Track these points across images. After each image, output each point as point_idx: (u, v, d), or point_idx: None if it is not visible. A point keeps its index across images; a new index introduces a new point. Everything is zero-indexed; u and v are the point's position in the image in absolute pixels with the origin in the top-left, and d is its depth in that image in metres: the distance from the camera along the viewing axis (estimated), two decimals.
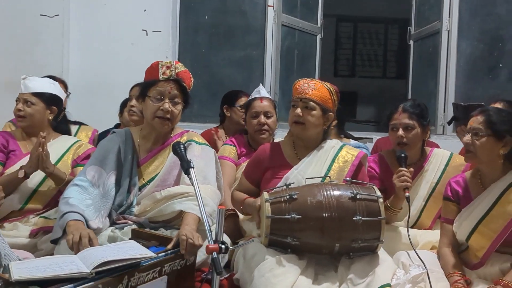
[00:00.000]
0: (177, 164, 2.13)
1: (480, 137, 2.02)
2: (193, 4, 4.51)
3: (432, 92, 4.64)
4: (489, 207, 2.03)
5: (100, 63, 4.27)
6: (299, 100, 2.24)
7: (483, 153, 2.03)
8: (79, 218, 1.94)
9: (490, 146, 2.02)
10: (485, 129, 2.02)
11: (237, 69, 4.58)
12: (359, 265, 1.90)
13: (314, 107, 2.23)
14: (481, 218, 2.03)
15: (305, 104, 2.23)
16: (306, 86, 2.24)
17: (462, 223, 2.07)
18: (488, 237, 2.00)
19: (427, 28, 4.77)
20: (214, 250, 1.58)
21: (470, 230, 2.04)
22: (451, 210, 2.15)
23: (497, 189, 2.04)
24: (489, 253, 2.00)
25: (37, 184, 2.41)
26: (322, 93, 2.24)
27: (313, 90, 2.23)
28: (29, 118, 2.47)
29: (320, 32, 4.93)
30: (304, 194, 1.94)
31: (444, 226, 2.16)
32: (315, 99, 2.22)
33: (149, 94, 2.19)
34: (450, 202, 2.16)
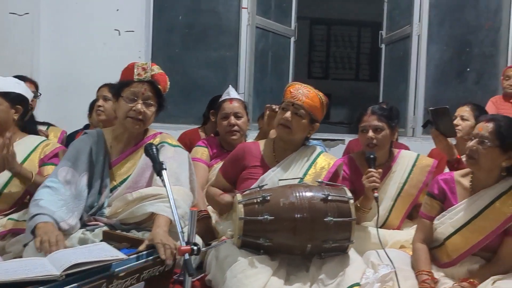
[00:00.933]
0: (149, 166, 2.11)
1: (487, 146, 1.99)
2: (167, 5, 4.49)
3: (403, 95, 4.74)
4: (477, 212, 2.04)
5: (71, 63, 4.21)
6: (290, 104, 2.26)
7: (486, 162, 2.01)
8: (49, 220, 1.91)
9: (494, 157, 2.00)
10: (493, 139, 1.99)
11: (211, 70, 4.58)
12: (330, 265, 1.93)
13: (304, 115, 2.25)
14: (466, 222, 2.04)
15: (296, 110, 2.25)
16: (300, 92, 2.25)
17: (445, 223, 2.09)
18: (469, 241, 2.03)
19: (398, 32, 4.87)
20: (186, 251, 1.58)
21: (452, 231, 2.06)
22: (433, 207, 2.15)
23: (488, 197, 2.05)
24: (464, 256, 2.04)
25: (2, 185, 2.35)
26: (314, 103, 2.26)
27: (306, 98, 2.24)
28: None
29: (294, 34, 4.97)
30: (277, 195, 1.96)
31: (422, 221, 2.17)
32: (306, 107, 2.24)
33: (123, 94, 2.18)
34: (434, 200, 2.16)
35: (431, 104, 4.49)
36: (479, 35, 4.68)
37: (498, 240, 2.02)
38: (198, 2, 4.54)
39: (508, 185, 2.05)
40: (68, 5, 4.18)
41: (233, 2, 4.53)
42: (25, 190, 2.38)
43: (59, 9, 4.16)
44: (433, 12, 4.61)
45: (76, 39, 4.19)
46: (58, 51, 4.17)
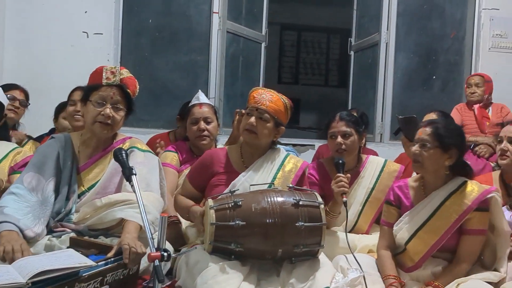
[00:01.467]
0: (118, 171, 2.08)
1: (428, 149, 2.10)
2: (137, 7, 4.44)
3: (371, 101, 4.83)
4: (430, 214, 2.11)
5: (36, 65, 4.10)
6: (254, 109, 2.27)
7: (430, 163, 2.11)
8: (13, 229, 1.85)
9: (436, 157, 2.10)
10: (432, 141, 2.10)
11: (181, 74, 4.55)
12: (301, 270, 1.94)
13: (268, 119, 2.26)
14: (421, 225, 2.11)
15: (260, 114, 2.26)
16: (264, 97, 2.27)
17: (402, 228, 2.15)
18: (427, 243, 2.09)
19: (367, 40, 4.96)
20: (156, 258, 1.56)
21: (410, 235, 2.12)
22: (391, 214, 2.23)
23: (439, 197, 2.13)
24: (425, 258, 2.09)
25: None
26: (278, 107, 2.28)
27: (269, 102, 2.26)
28: None
29: (264, 40, 5.00)
30: (248, 201, 1.96)
31: (383, 229, 2.24)
32: (270, 112, 2.26)
33: (91, 99, 2.14)
34: (391, 206, 2.24)
35: (398, 111, 4.61)
36: (444, 44, 4.82)
37: (456, 240, 2.09)
38: (169, 6, 4.51)
39: (457, 184, 2.14)
40: (34, 5, 4.08)
41: (204, 7, 4.51)
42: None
43: (25, 10, 4.05)
44: (401, 21, 4.72)
45: (42, 40, 4.09)
46: (23, 53, 4.07)
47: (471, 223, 2.07)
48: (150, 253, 1.57)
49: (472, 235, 2.07)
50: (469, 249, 2.07)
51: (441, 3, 4.79)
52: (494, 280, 2.03)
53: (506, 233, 2.10)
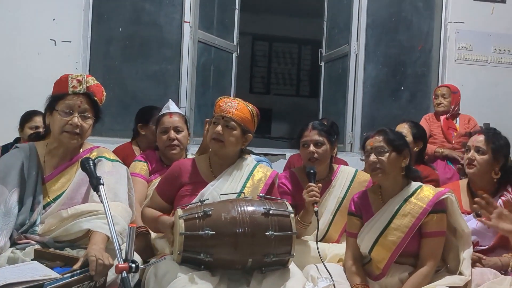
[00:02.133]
0: (85, 181, 2.04)
1: (385, 153, 2.17)
2: (106, 15, 4.39)
3: (341, 111, 4.89)
4: (388, 220, 2.16)
5: (2, 72, 4.00)
6: (220, 118, 2.26)
7: (390, 167, 2.17)
8: None
9: (394, 160, 2.18)
10: (387, 145, 2.18)
11: (151, 83, 4.51)
12: (271, 279, 1.93)
13: (235, 127, 2.25)
14: (381, 231, 2.15)
15: (226, 122, 2.25)
16: (229, 105, 2.26)
17: (364, 237, 2.19)
18: (388, 249, 2.13)
19: (337, 51, 5.04)
20: (124, 269, 1.53)
21: (372, 243, 2.16)
22: (354, 224, 2.27)
23: (395, 204, 2.18)
24: (389, 264, 2.13)
25: None
26: (244, 114, 2.28)
27: (235, 110, 2.25)
28: None
29: (236, 50, 5.01)
30: (218, 210, 1.95)
31: (348, 240, 2.28)
32: (236, 119, 2.25)
33: (57, 108, 2.09)
34: (354, 217, 2.28)
35: (367, 121, 4.69)
36: (412, 56, 4.94)
37: (417, 244, 2.14)
38: (139, 14, 4.47)
39: (412, 189, 2.21)
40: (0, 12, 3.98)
41: (175, 16, 4.50)
42: None
43: None
44: (370, 32, 4.81)
45: (7, 47, 3.99)
46: None
47: (429, 226, 2.13)
48: (118, 264, 1.54)
49: (432, 237, 2.13)
50: (431, 251, 2.12)
51: (408, 16, 4.91)
52: (459, 285, 2.07)
53: (466, 234, 2.17)
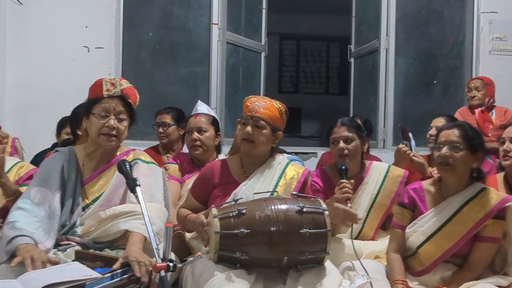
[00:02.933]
0: (122, 183, 2.08)
1: (459, 150, 2.07)
2: (137, 21, 4.48)
3: (372, 107, 4.83)
4: (447, 219, 2.08)
5: (38, 80, 4.14)
6: (249, 118, 2.26)
7: (461, 165, 2.08)
8: (30, 241, 1.86)
9: (466, 159, 2.08)
10: (463, 142, 2.07)
11: (182, 86, 4.58)
12: (307, 277, 1.92)
13: (264, 126, 2.26)
14: (437, 229, 2.08)
15: (256, 122, 2.25)
16: (257, 104, 2.26)
17: (417, 231, 2.13)
18: (441, 248, 2.06)
19: (366, 47, 4.98)
20: (162, 268, 1.56)
21: (425, 239, 2.09)
22: (404, 216, 2.19)
23: (456, 203, 2.10)
24: (437, 263, 2.07)
25: None
26: (273, 112, 2.28)
27: (263, 109, 2.26)
28: None
29: (264, 49, 5.03)
30: (252, 208, 1.95)
31: (394, 231, 2.20)
32: (265, 118, 2.25)
33: (94, 111, 2.15)
34: (405, 209, 2.20)
35: (400, 116, 4.62)
36: (444, 49, 4.84)
37: (469, 246, 2.07)
38: (168, 18, 4.54)
39: (475, 191, 2.11)
40: (35, 22, 4.12)
41: (203, 18, 4.55)
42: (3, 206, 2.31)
43: (25, 27, 4.09)
44: (400, 27, 4.74)
45: (43, 56, 4.12)
46: (25, 69, 4.10)
47: (486, 230, 2.05)
48: (156, 263, 1.57)
49: (486, 242, 2.05)
50: (482, 256, 2.06)
51: (439, 8, 4.81)
52: (503, 284, 2.01)
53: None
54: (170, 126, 3.36)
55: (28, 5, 4.08)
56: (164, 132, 3.37)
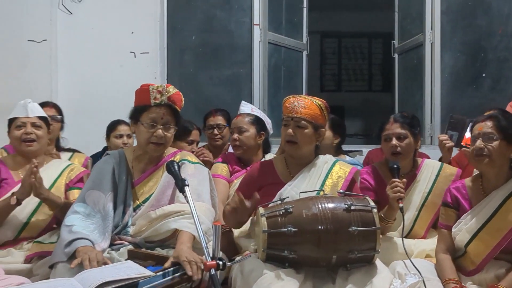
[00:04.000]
0: (171, 183, 2.14)
1: (494, 141, 2.03)
2: (180, 25, 4.56)
3: (419, 103, 4.72)
4: (490, 214, 2.04)
5: (88, 86, 4.27)
6: (290, 119, 2.26)
7: (497, 156, 2.04)
8: (88, 244, 1.95)
9: (503, 150, 2.04)
10: (497, 133, 2.04)
11: (225, 87, 4.62)
12: (357, 276, 1.91)
13: (306, 125, 2.25)
14: (482, 225, 2.03)
15: (297, 123, 2.24)
16: (296, 104, 2.25)
17: (462, 229, 2.08)
18: (488, 244, 2.01)
19: (411, 41, 4.87)
20: (212, 267, 1.59)
21: (470, 237, 2.05)
22: (449, 216, 2.15)
23: (499, 197, 2.05)
24: (487, 260, 2.01)
25: (28, 215, 2.37)
26: (313, 111, 2.26)
27: (303, 109, 2.24)
28: (39, 141, 2.44)
29: (306, 48, 5.01)
30: (299, 207, 1.95)
31: (441, 232, 2.17)
32: (306, 118, 2.24)
33: (141, 120, 2.20)
34: (449, 208, 2.16)
35: (447, 112, 4.47)
36: (492, 40, 4.65)
37: None
38: (211, 21, 4.60)
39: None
40: (84, 30, 4.26)
41: (245, 19, 4.58)
42: (52, 218, 2.40)
43: (75, 35, 4.23)
44: (445, 19, 4.60)
45: (92, 63, 4.25)
46: (75, 75, 4.24)
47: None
48: (206, 262, 1.60)
49: None
50: None
51: None
52: None
53: None
54: (225, 128, 3.37)
55: (77, 14, 4.22)
56: (220, 134, 3.37)
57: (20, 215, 2.34)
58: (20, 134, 2.42)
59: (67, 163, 2.65)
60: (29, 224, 2.37)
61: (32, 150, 2.44)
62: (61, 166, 2.57)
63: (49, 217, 2.41)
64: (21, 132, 2.42)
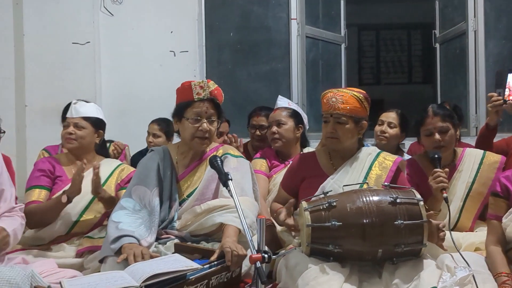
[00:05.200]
0: (214, 177, 2.18)
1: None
2: (218, 23, 4.60)
3: (462, 94, 4.58)
4: None
5: (130, 86, 4.37)
6: (329, 116, 2.23)
7: None
8: (133, 241, 1.99)
9: None
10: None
11: (263, 83, 4.63)
12: (404, 270, 1.87)
13: (346, 121, 2.21)
14: None
15: (337, 119, 2.21)
16: (334, 100, 2.20)
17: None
18: None
19: (453, 30, 4.73)
20: (258, 259, 1.59)
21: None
22: (500, 206, 2.08)
23: None
24: None
25: (79, 214, 2.45)
26: (352, 104, 2.21)
27: (341, 104, 2.19)
28: (79, 141, 2.53)
29: (344, 41, 4.96)
30: (343, 201, 1.94)
31: (491, 223, 2.10)
32: (346, 113, 2.19)
33: (186, 116, 2.23)
34: (499, 198, 2.09)
35: None
36: None
37: None
38: (247, 18, 4.62)
39: None
40: (125, 31, 4.35)
41: (282, 15, 4.57)
42: (102, 215, 2.48)
43: (117, 37, 4.33)
44: (488, 6, 4.44)
45: (134, 63, 4.34)
46: (117, 76, 4.35)
47: None
48: (252, 255, 1.60)
49: None
50: None
51: None
52: None
53: None
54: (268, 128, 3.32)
55: (118, 16, 4.32)
56: (262, 135, 3.36)
57: (72, 212, 2.42)
58: (64, 133, 2.56)
59: (117, 162, 2.72)
60: (80, 221, 2.45)
61: (70, 147, 2.55)
62: (112, 166, 2.64)
63: (100, 214, 2.49)
64: (65, 131, 2.55)
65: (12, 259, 2.01)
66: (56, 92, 3.93)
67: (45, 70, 4.06)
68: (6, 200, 2.06)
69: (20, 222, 2.08)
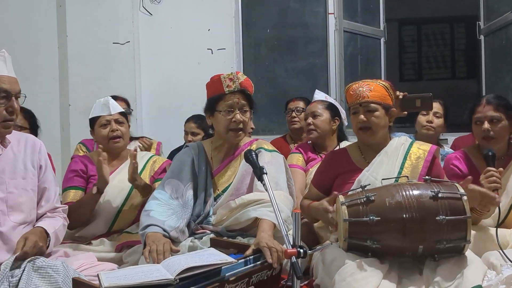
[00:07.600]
0: (248, 172, 2.17)
1: None
2: (254, 20, 4.60)
3: (509, 86, 4.39)
4: None
5: (169, 84, 4.44)
6: (358, 105, 2.19)
7: None
8: (157, 230, 2.00)
9: None
10: None
11: (301, 79, 4.60)
12: (446, 267, 1.80)
13: (376, 108, 2.18)
14: None
15: (366, 108, 2.18)
16: (361, 89, 2.19)
17: None
18: None
19: (498, 21, 4.54)
20: (293, 254, 1.57)
21: None
22: None
23: None
24: None
25: (118, 208, 2.49)
26: (379, 92, 2.19)
27: (369, 92, 2.17)
28: (124, 137, 2.56)
29: (383, 35, 4.85)
30: (381, 195, 1.88)
31: None
32: (375, 100, 2.17)
33: (218, 109, 2.23)
34: None
35: None
36: None
37: None
38: (284, 14, 4.59)
39: None
40: (164, 30, 4.42)
41: (319, 9, 4.52)
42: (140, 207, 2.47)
43: (156, 36, 4.41)
44: None
45: (172, 61, 4.41)
46: (157, 74, 4.42)
47: None
48: (287, 250, 1.58)
49: None
50: None
51: None
52: None
53: None
54: (303, 111, 3.42)
55: (156, 15, 4.40)
56: (297, 117, 3.47)
57: (110, 209, 2.47)
58: (107, 132, 2.52)
59: (149, 155, 2.75)
60: (120, 216, 2.50)
61: (119, 146, 2.56)
62: (144, 159, 2.67)
63: (136, 209, 2.52)
64: (107, 130, 2.52)
65: (54, 252, 2.05)
66: (98, 91, 4.01)
67: (87, 70, 4.17)
68: (49, 200, 2.03)
69: (62, 223, 2.05)
